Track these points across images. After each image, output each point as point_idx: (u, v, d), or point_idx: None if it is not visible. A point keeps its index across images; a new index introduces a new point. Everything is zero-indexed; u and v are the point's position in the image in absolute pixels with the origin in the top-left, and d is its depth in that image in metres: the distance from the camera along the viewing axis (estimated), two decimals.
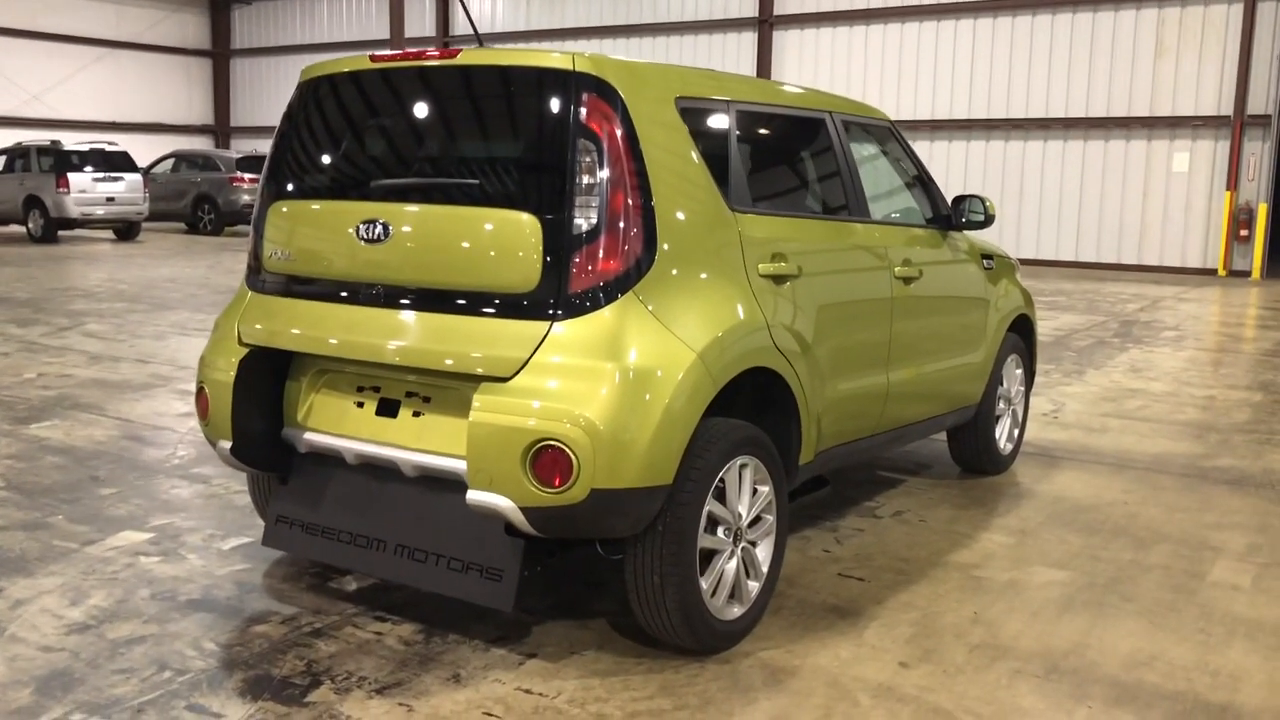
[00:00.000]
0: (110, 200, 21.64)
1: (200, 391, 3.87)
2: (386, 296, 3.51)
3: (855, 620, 3.78)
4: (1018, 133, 20.67)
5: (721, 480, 3.44)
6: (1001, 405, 5.66)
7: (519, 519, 3.16)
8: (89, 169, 21.45)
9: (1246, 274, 18.92)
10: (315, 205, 3.75)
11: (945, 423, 5.20)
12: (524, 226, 3.26)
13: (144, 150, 27.32)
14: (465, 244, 3.36)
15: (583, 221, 3.26)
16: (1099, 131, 19.92)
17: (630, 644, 3.54)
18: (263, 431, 3.80)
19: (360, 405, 3.66)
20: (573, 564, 3.64)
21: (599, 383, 3.13)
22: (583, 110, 3.30)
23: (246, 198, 23.82)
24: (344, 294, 3.61)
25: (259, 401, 3.78)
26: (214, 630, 3.60)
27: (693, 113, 3.67)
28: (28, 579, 4.01)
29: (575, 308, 3.23)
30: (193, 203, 24.49)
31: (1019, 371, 5.83)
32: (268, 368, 3.80)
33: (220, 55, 32.70)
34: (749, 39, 23.29)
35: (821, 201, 4.45)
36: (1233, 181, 18.84)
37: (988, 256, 5.45)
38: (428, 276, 3.43)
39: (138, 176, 22.15)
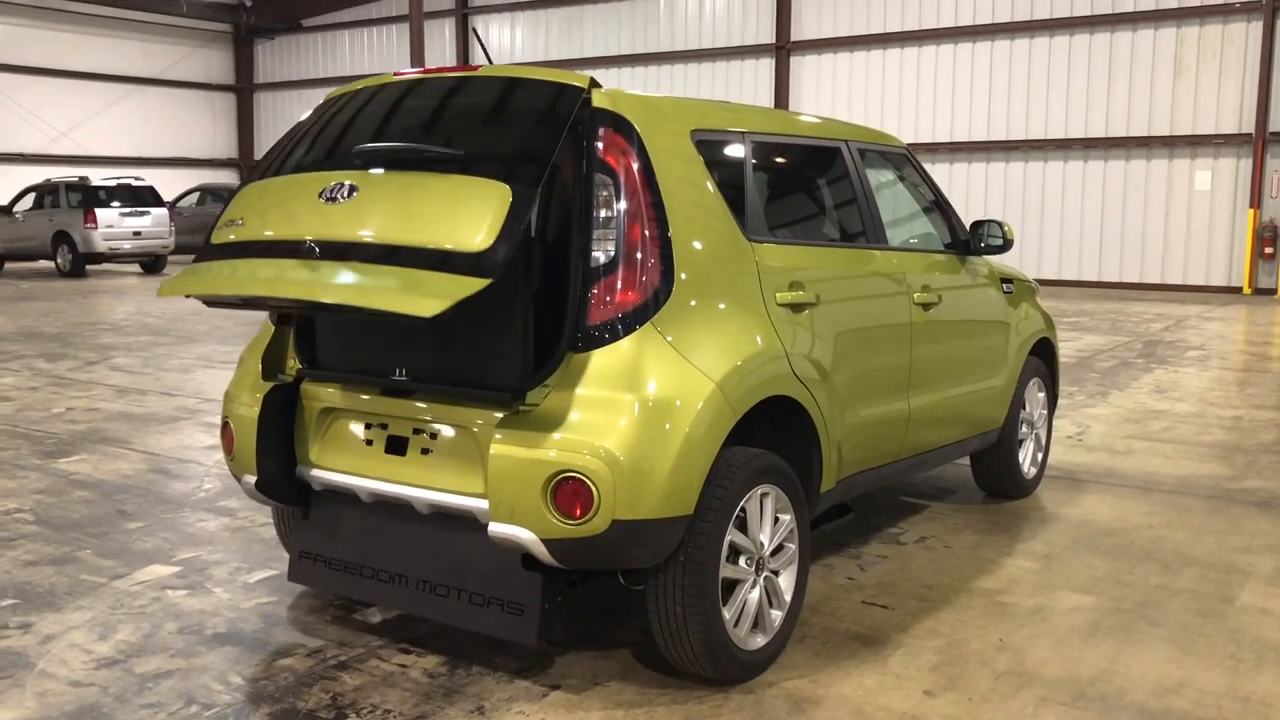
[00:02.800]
0: (137, 234, 21.94)
1: (225, 426, 3.91)
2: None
3: (879, 648, 3.77)
4: (1037, 153, 20.65)
5: (743, 509, 3.44)
6: (1024, 429, 5.64)
7: (541, 551, 3.17)
8: (116, 204, 21.76)
9: (1272, 292, 18.79)
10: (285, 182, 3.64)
11: (968, 447, 5.18)
12: None
13: (170, 184, 27.67)
14: None
15: (600, 254, 3.29)
16: (1119, 151, 19.88)
17: (654, 674, 3.54)
18: (287, 466, 3.83)
19: (369, 443, 3.66)
20: (595, 594, 3.65)
21: (618, 414, 3.15)
22: (599, 145, 3.33)
23: None
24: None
25: (283, 436, 3.82)
26: (240, 664, 3.62)
27: (708, 145, 3.70)
28: (57, 614, 4.05)
29: (594, 339, 3.25)
30: None
31: (1041, 395, 5.81)
32: (292, 403, 3.84)
33: (244, 90, 33.14)
34: (766, 65, 23.41)
35: (838, 229, 4.46)
36: (1256, 199, 18.74)
37: (1007, 280, 5.45)
38: None
39: (164, 211, 22.45)
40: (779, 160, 4.23)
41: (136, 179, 22.88)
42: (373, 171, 3.41)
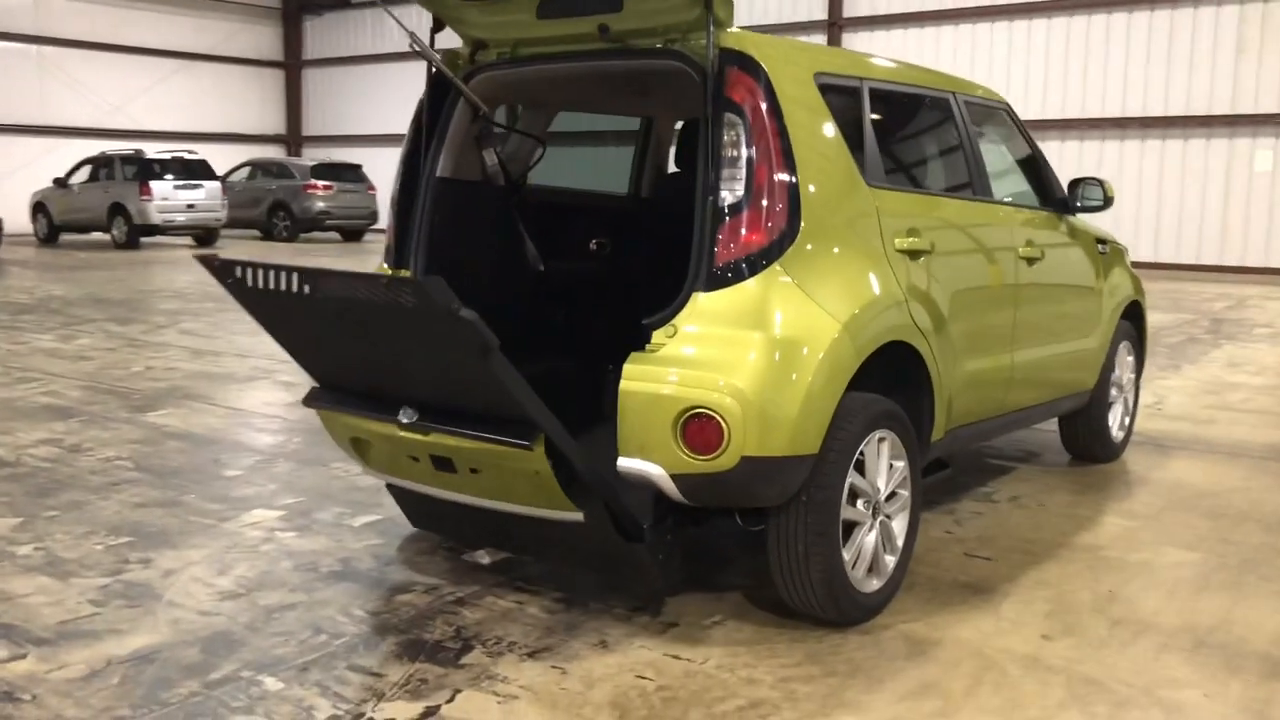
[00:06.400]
0: (190, 207, 22.19)
1: None
2: None
3: (989, 596, 3.78)
4: (1094, 132, 20.39)
5: (861, 453, 3.45)
6: (1114, 392, 5.60)
7: (669, 486, 3.19)
8: (170, 177, 22.02)
9: None
10: None
11: (1061, 407, 5.16)
12: None
13: (221, 159, 27.86)
14: None
15: (728, 195, 3.30)
16: (1178, 130, 19.58)
17: (768, 615, 3.57)
18: None
19: (415, 460, 3.43)
20: (703, 541, 3.68)
21: (747, 352, 3.17)
22: (727, 83, 3.34)
23: (321, 204, 24.23)
24: None
25: None
26: (360, 599, 3.69)
27: (830, 89, 3.70)
28: (174, 550, 4.13)
29: (719, 279, 3.27)
30: (268, 210, 24.96)
31: (1130, 358, 5.77)
32: None
33: (292, 66, 33.31)
34: (819, 42, 23.23)
35: (947, 180, 4.45)
36: None
37: (1101, 241, 5.40)
38: None
39: (217, 184, 22.69)
40: (893, 108, 4.22)
41: (189, 153, 23.13)
42: None
